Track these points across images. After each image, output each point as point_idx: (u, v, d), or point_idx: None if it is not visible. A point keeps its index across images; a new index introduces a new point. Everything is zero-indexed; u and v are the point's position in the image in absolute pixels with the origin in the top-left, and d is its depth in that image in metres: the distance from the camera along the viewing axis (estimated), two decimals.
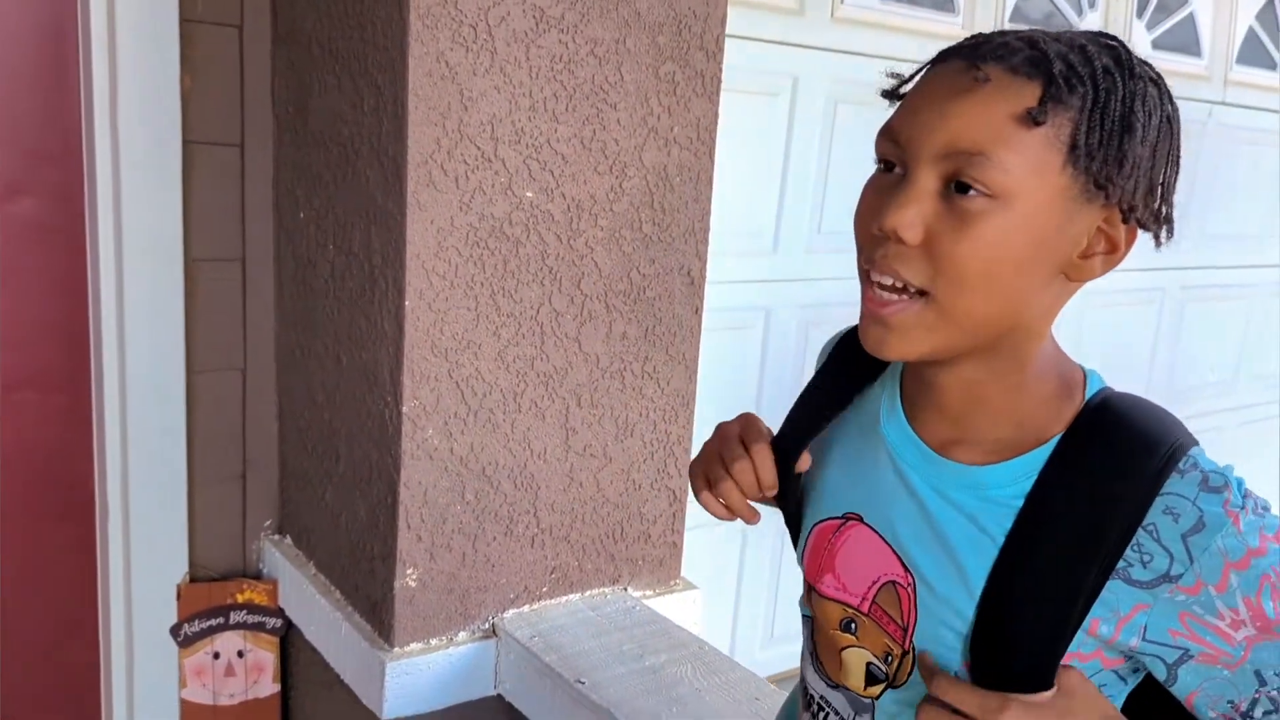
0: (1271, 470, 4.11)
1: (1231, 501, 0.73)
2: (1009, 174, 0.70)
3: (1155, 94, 0.74)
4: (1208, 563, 0.73)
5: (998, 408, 0.79)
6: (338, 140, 1.55)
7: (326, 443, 1.69)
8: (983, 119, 0.70)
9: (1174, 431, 0.76)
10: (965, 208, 0.71)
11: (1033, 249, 0.72)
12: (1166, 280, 3.51)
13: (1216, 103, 3.37)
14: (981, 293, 0.73)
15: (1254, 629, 0.73)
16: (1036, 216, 0.71)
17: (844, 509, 0.88)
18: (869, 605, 0.85)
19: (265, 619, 1.83)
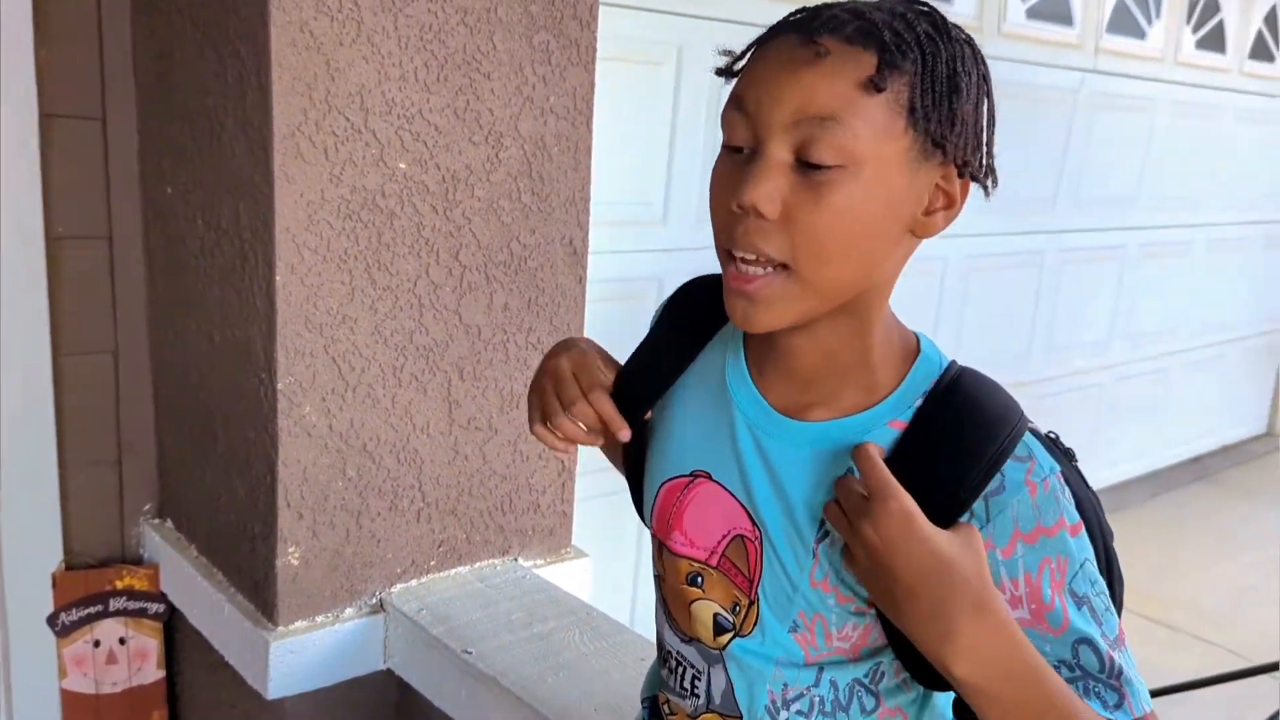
0: (1148, 420, 4.32)
1: (1034, 472, 0.77)
2: (858, 138, 0.72)
3: (971, 54, 0.77)
4: (1000, 525, 0.77)
5: (846, 368, 0.82)
6: (203, 112, 1.51)
7: (204, 423, 1.65)
8: (829, 87, 0.72)
9: (1013, 414, 0.80)
10: (819, 179, 0.73)
11: (884, 212, 0.75)
12: (1046, 243, 3.64)
13: (1088, 70, 3.49)
14: (840, 260, 0.75)
15: (1028, 612, 0.76)
16: (885, 180, 0.74)
17: (691, 467, 0.89)
18: (718, 559, 0.87)
19: (147, 605, 1.79)
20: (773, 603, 0.85)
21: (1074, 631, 0.76)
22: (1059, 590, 0.77)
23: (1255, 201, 4.53)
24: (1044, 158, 3.50)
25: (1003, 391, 0.82)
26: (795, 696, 0.86)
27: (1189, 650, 3.06)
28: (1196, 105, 4.02)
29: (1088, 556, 0.78)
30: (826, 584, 0.82)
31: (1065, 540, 0.77)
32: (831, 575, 0.82)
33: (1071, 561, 0.77)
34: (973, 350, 3.51)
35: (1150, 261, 4.10)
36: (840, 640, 0.84)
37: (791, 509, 0.83)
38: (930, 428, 0.80)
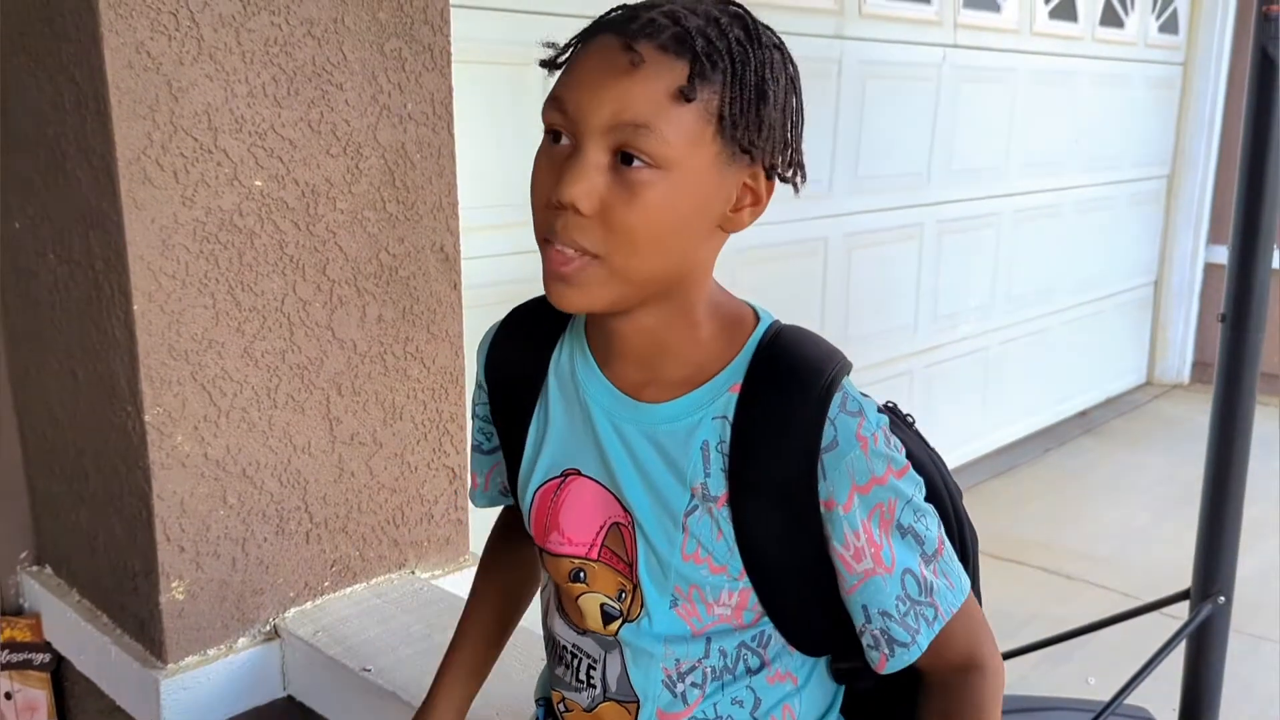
0: (1035, 379, 4.47)
1: (864, 427, 0.83)
2: (670, 145, 0.76)
3: (780, 59, 0.81)
4: (836, 480, 0.82)
5: (676, 349, 0.87)
6: (44, 142, 1.46)
7: (74, 463, 1.60)
8: (643, 96, 0.76)
9: (834, 359, 0.86)
10: (633, 179, 0.77)
11: (693, 211, 0.80)
12: (923, 215, 3.74)
13: (949, 45, 3.59)
14: (649, 253, 0.80)
15: (870, 559, 0.84)
16: (695, 182, 0.79)
17: (562, 468, 0.93)
18: (598, 550, 0.91)
19: (31, 655, 1.72)
20: (652, 583, 0.88)
21: (900, 563, 0.84)
22: (886, 529, 0.84)
23: (1115, 162, 4.72)
24: (914, 133, 3.60)
25: (823, 341, 0.89)
26: (688, 670, 0.90)
27: (1085, 597, 3.18)
28: (1054, 73, 4.17)
29: (914, 493, 0.85)
30: (698, 556, 0.86)
31: (894, 483, 0.84)
32: (701, 548, 0.86)
33: (899, 499, 0.84)
34: (861, 326, 3.59)
35: (1024, 226, 4.24)
36: (720, 608, 0.88)
37: (655, 488, 0.87)
38: (759, 381, 0.85)
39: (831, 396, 0.83)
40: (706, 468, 0.85)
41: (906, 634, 0.85)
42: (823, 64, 3.19)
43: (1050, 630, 2.37)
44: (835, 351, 0.87)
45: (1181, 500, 3.76)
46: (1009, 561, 3.41)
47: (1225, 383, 1.92)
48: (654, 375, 0.88)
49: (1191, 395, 5.18)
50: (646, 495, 0.87)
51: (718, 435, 0.85)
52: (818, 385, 0.83)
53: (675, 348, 0.87)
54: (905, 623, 0.85)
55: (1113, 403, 5.07)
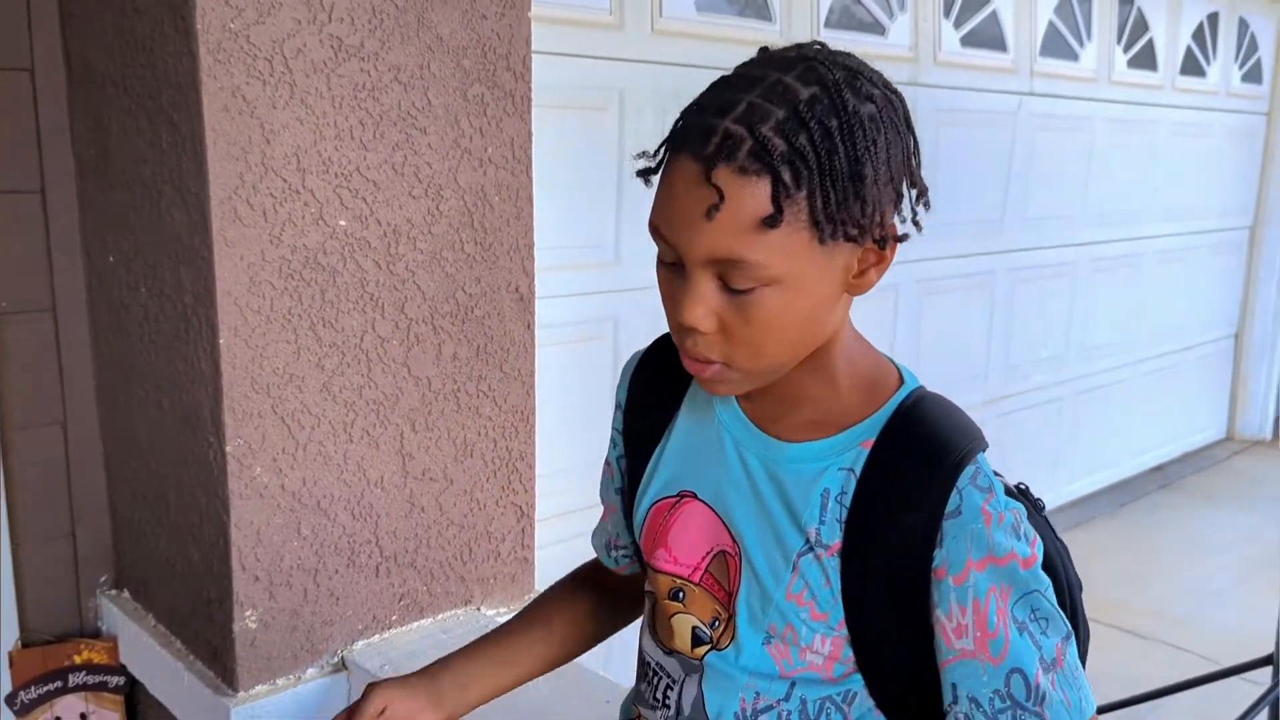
0: (1109, 432, 4.37)
1: (992, 503, 0.81)
2: (769, 268, 0.77)
3: (877, 112, 0.78)
4: (954, 548, 0.80)
5: (813, 396, 0.88)
6: (141, 180, 1.52)
7: (156, 490, 1.64)
8: (729, 232, 0.76)
9: (970, 435, 0.84)
10: (743, 300, 0.78)
11: (811, 305, 0.81)
12: (996, 263, 3.71)
13: (1025, 94, 3.57)
14: (777, 352, 0.82)
15: (972, 641, 0.80)
16: (806, 283, 0.79)
17: (678, 488, 0.94)
18: (700, 574, 0.92)
19: (107, 678, 1.76)
20: (749, 615, 0.88)
21: (1011, 660, 0.79)
22: (1003, 617, 0.80)
23: (1197, 211, 4.63)
24: (988, 180, 3.57)
25: (963, 414, 0.87)
26: (765, 708, 0.89)
27: (1160, 657, 3.08)
28: (1133, 122, 4.11)
29: (1037, 588, 0.81)
30: (801, 598, 0.86)
31: (1015, 570, 0.80)
32: (808, 589, 0.85)
33: (1016, 589, 0.80)
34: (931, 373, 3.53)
35: (1100, 275, 4.17)
36: (812, 654, 0.87)
37: (771, 522, 0.87)
38: (892, 444, 0.84)
39: (963, 468, 0.81)
40: (823, 515, 0.85)
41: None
42: None
43: (1123, 691, 2.30)
44: (973, 428, 0.86)
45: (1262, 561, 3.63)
46: None
47: None
48: (788, 415, 0.89)
49: (1274, 453, 5.02)
50: (759, 528, 0.88)
51: (840, 486, 0.85)
52: (951, 456, 0.82)
53: (813, 395, 0.88)
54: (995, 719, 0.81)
55: (1191, 458, 4.94)
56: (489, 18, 1.56)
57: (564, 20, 2.35)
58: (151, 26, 1.41)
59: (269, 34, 1.36)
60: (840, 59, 0.80)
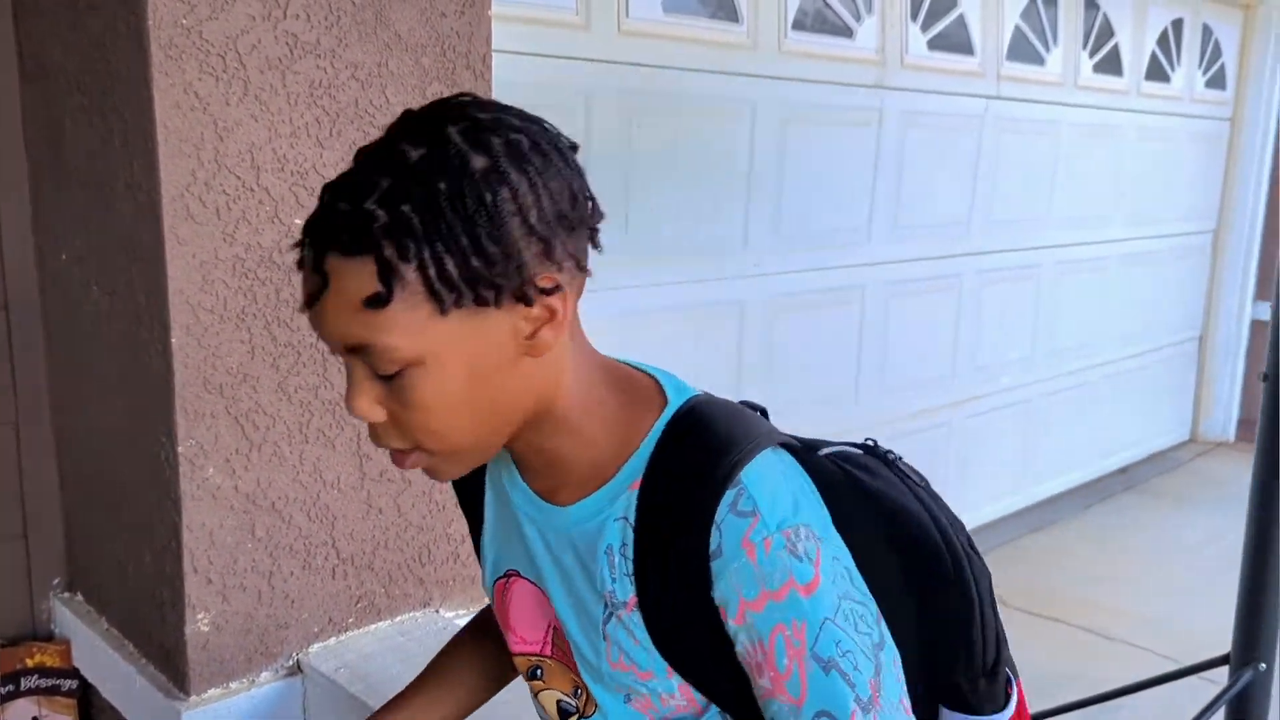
0: (1076, 434, 4.40)
1: (754, 532, 0.74)
2: (399, 349, 0.71)
3: (487, 163, 0.71)
4: (724, 590, 0.75)
5: (568, 457, 0.82)
6: (93, 178, 1.50)
7: (109, 492, 1.62)
8: (345, 319, 0.72)
9: (733, 448, 0.77)
10: (396, 385, 0.73)
11: (474, 377, 0.74)
12: (963, 266, 3.72)
13: (991, 97, 3.59)
14: (461, 430, 0.76)
15: (769, 680, 0.75)
16: (453, 358, 0.73)
17: (505, 567, 0.91)
18: (550, 648, 0.89)
19: (60, 681, 1.74)
20: (596, 685, 0.85)
21: (814, 702, 0.73)
22: (799, 658, 0.73)
23: (1159, 216, 4.68)
24: (955, 183, 3.59)
25: (736, 422, 0.80)
26: None
27: (1124, 658, 3.11)
28: (1098, 126, 4.15)
29: (827, 616, 0.74)
30: (623, 663, 0.82)
31: (798, 602, 0.73)
32: (624, 655, 0.81)
33: (810, 625, 0.73)
34: (898, 376, 3.56)
35: (1066, 278, 4.20)
36: (674, 701, 0.83)
37: (577, 596, 0.83)
38: (655, 483, 0.78)
39: (720, 497, 0.75)
40: (613, 573, 0.80)
41: None
42: (864, 113, 3.20)
43: (1087, 691, 2.31)
44: (738, 439, 0.78)
45: (1224, 562, 3.66)
46: (1046, 619, 3.34)
47: (1267, 443, 1.88)
48: (560, 479, 0.83)
49: (1237, 454, 5.07)
50: (570, 604, 0.84)
51: (620, 538, 0.79)
52: (708, 487, 0.75)
53: (566, 454, 0.82)
54: None
55: (1156, 459, 4.98)
56: (448, 15, 1.55)
57: (528, 19, 2.34)
58: (105, 22, 1.40)
59: (222, 30, 1.35)
60: (473, 110, 0.74)
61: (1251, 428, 1.96)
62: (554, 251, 0.73)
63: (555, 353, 0.77)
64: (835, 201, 3.20)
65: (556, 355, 0.77)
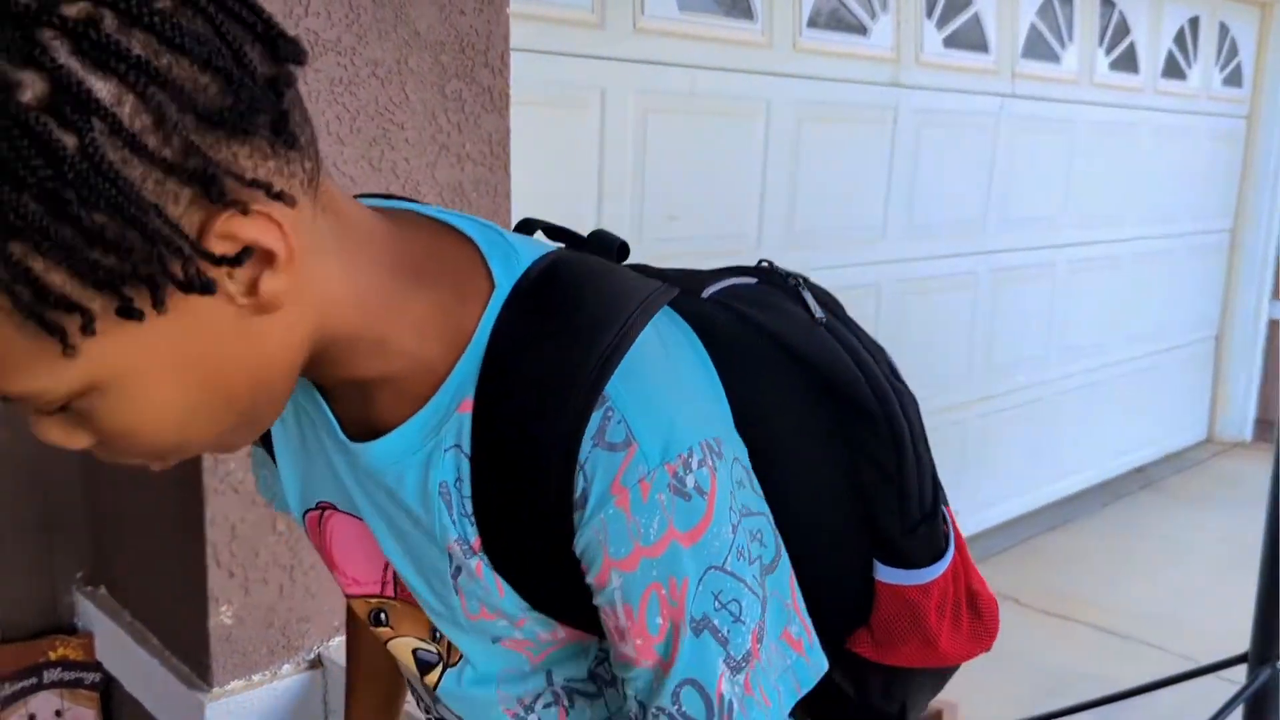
0: (1091, 433, 4.39)
1: (629, 470, 0.57)
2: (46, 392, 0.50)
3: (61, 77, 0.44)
4: (587, 546, 0.59)
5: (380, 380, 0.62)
6: None
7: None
8: None
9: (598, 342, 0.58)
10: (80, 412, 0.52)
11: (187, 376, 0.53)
12: (978, 264, 3.72)
13: (1007, 95, 3.59)
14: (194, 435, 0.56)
15: (632, 648, 0.61)
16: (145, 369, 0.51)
17: (315, 499, 0.72)
18: (393, 588, 0.72)
19: (83, 674, 1.76)
20: (457, 634, 0.70)
21: (680, 671, 0.60)
22: (675, 618, 0.60)
23: (1175, 214, 4.66)
24: (969, 181, 3.59)
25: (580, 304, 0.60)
26: (533, 700, 0.71)
27: (1140, 657, 3.10)
28: (1114, 124, 4.14)
29: (712, 563, 0.60)
30: (485, 613, 0.66)
31: (678, 556, 0.58)
32: (485, 606, 0.66)
33: (690, 580, 0.59)
34: (913, 373, 3.54)
35: (1082, 276, 4.19)
36: (560, 635, 0.68)
37: (411, 546, 0.67)
38: (490, 400, 0.59)
39: (583, 428, 0.57)
40: (452, 515, 0.62)
41: None
42: (878, 111, 3.20)
43: (1103, 690, 2.31)
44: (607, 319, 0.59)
45: (1241, 562, 3.65)
46: (1061, 618, 3.34)
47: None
48: (371, 404, 0.63)
49: (1254, 453, 5.05)
50: (405, 557, 0.67)
51: (454, 470, 0.62)
52: (569, 404, 0.57)
53: (373, 375, 0.61)
54: None
55: (1172, 459, 4.96)
56: (466, 13, 1.57)
57: (545, 18, 2.35)
58: None
59: None
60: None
61: (1269, 428, 1.96)
62: (221, 183, 0.48)
63: (302, 288, 0.54)
64: (850, 199, 3.20)
65: (305, 288, 0.55)
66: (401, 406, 0.62)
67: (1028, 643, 3.05)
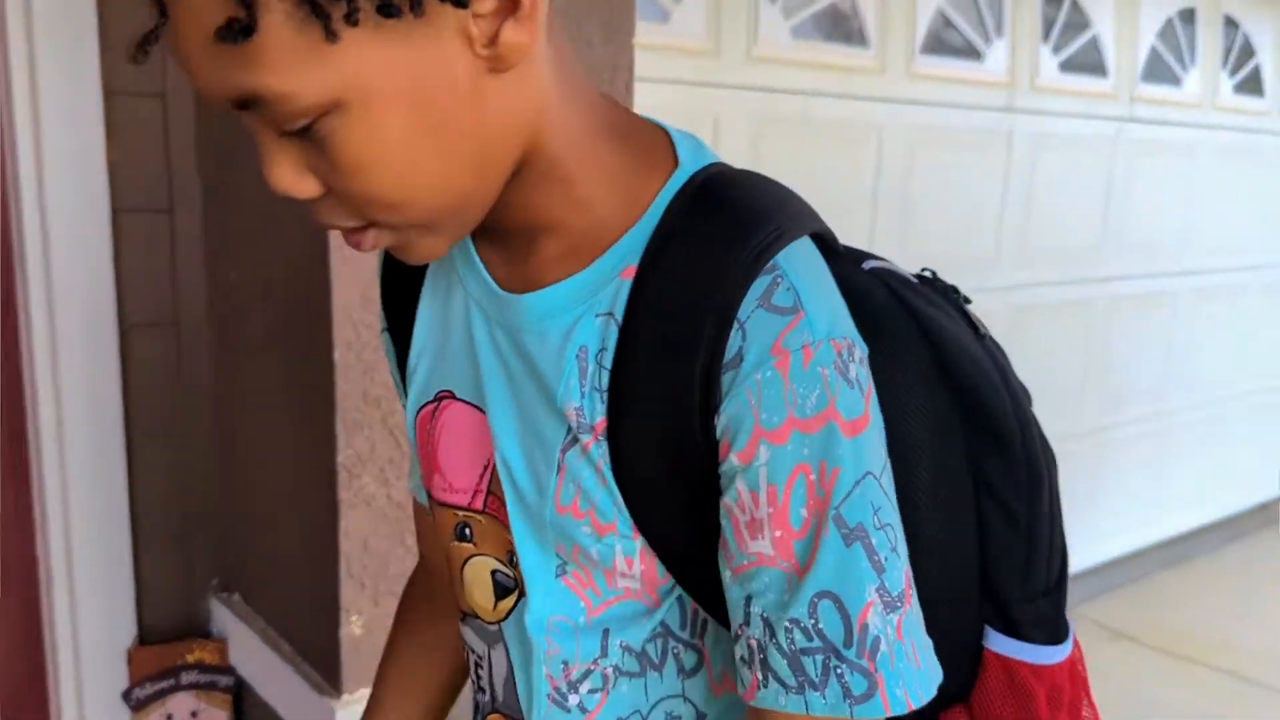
0: (1212, 468, 4.23)
1: (793, 334, 0.54)
2: (296, 95, 0.51)
3: None
4: (735, 410, 0.55)
5: (555, 221, 0.62)
6: (262, 201, 1.59)
7: (266, 498, 1.71)
8: (209, 64, 0.51)
9: (768, 220, 0.57)
10: (319, 140, 0.53)
11: (419, 114, 0.54)
12: (1094, 291, 3.63)
13: (1125, 119, 3.50)
14: (417, 189, 0.56)
15: (770, 543, 0.55)
16: (384, 92, 0.52)
17: (435, 389, 0.70)
18: (483, 499, 0.68)
19: (217, 677, 1.83)
20: (530, 538, 0.65)
21: (820, 578, 0.54)
22: (819, 510, 0.54)
23: None
24: (1086, 207, 3.51)
25: (764, 194, 0.60)
26: (580, 676, 0.66)
27: (1269, 703, 2.97)
28: (1238, 149, 4.00)
29: (870, 469, 0.55)
30: (577, 507, 0.62)
31: (834, 438, 0.54)
32: (581, 496, 0.61)
33: (843, 474, 0.54)
34: None
35: (1204, 306, 4.05)
36: (624, 578, 0.63)
37: (526, 414, 0.63)
38: (658, 264, 0.58)
39: (749, 284, 0.55)
40: (583, 385, 0.60)
41: (793, 676, 0.55)
42: (992, 136, 3.16)
43: None
44: (778, 210, 0.58)
45: None
46: (1184, 660, 3.21)
47: None
48: (534, 254, 0.63)
49: None
50: (517, 426, 0.64)
51: (599, 339, 0.59)
52: (731, 271, 0.55)
53: (552, 216, 0.61)
54: (798, 661, 0.55)
55: None
56: (594, 45, 1.61)
57: (662, 47, 2.39)
58: None
59: None
60: None
61: None
62: None
63: (532, 65, 0.56)
64: (962, 224, 3.16)
65: (533, 69, 0.56)
66: (563, 263, 0.61)
67: (1146, 684, 2.95)
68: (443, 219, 0.58)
